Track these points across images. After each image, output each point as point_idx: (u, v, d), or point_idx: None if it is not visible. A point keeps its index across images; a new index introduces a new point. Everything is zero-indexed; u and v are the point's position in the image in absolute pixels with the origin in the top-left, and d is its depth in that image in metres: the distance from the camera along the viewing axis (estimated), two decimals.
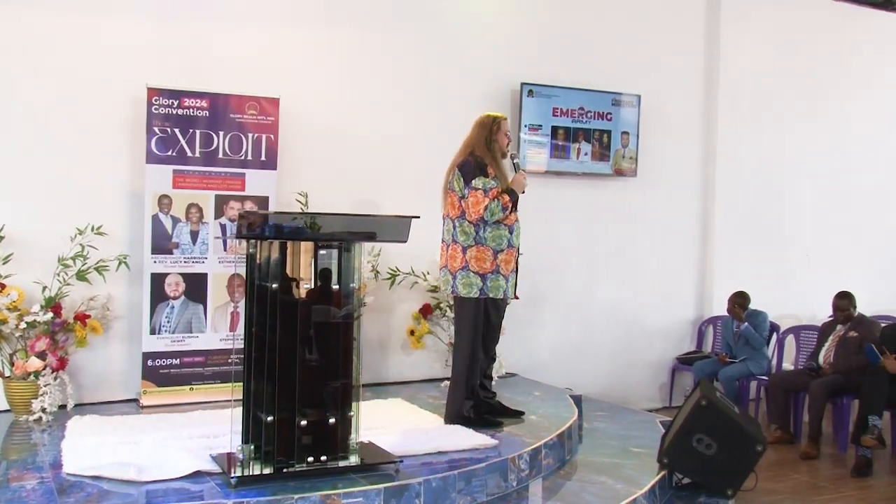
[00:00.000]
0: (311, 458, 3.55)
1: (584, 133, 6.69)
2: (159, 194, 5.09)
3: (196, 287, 5.20)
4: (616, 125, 6.79)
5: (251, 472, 3.46)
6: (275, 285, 3.54)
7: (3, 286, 4.71)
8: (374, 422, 4.24)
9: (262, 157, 5.33)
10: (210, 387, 5.19)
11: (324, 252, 3.67)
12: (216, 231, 5.20)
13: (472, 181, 4.46)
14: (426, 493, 3.55)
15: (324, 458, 3.57)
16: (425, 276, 5.94)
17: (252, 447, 3.56)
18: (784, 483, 5.00)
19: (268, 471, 3.48)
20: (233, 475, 3.40)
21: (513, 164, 4.64)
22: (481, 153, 4.55)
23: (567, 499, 3.91)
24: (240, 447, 3.58)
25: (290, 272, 3.61)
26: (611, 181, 6.90)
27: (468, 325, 4.55)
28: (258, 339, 3.56)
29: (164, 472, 3.49)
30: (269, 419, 3.50)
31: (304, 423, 3.55)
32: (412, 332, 5.93)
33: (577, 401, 5.17)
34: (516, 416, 4.72)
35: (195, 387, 5.18)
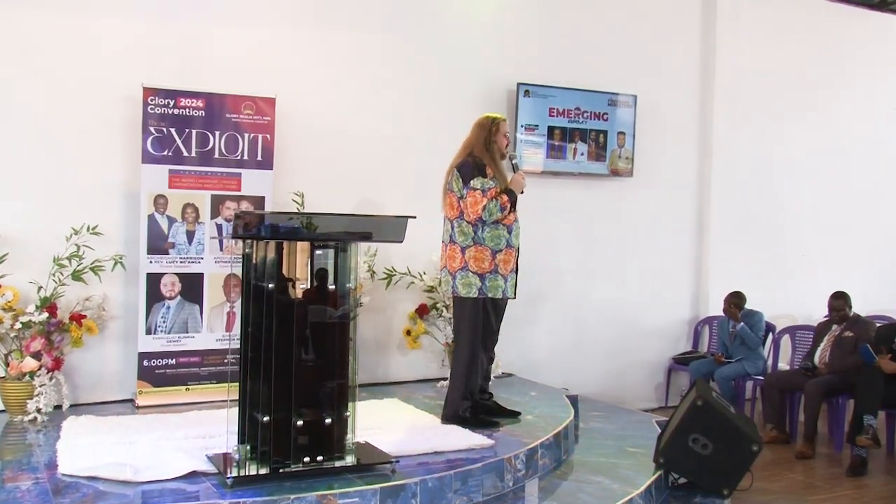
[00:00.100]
0: (307, 459, 3.55)
1: (581, 133, 6.69)
2: (155, 194, 5.09)
3: (192, 287, 5.19)
4: (612, 125, 6.80)
5: (247, 473, 3.46)
6: (271, 285, 3.54)
7: None
8: (370, 422, 4.23)
9: (259, 157, 5.33)
10: (206, 387, 5.19)
11: (320, 252, 3.68)
12: (212, 231, 5.19)
13: (471, 181, 4.47)
14: (422, 493, 3.55)
15: (320, 458, 3.57)
16: (421, 276, 5.93)
17: (248, 447, 3.55)
18: (779, 483, 5.01)
19: (264, 471, 3.47)
20: (229, 475, 3.40)
21: (512, 164, 4.65)
22: (480, 154, 4.57)
23: (563, 499, 3.91)
24: (236, 447, 3.57)
25: (286, 272, 3.61)
26: (607, 181, 6.90)
27: (468, 325, 4.56)
28: (254, 339, 3.55)
29: (159, 473, 3.48)
30: (266, 419, 3.50)
31: (301, 423, 3.55)
32: (408, 333, 5.93)
33: (574, 401, 5.18)
34: (513, 417, 4.72)
35: (191, 387, 5.17)
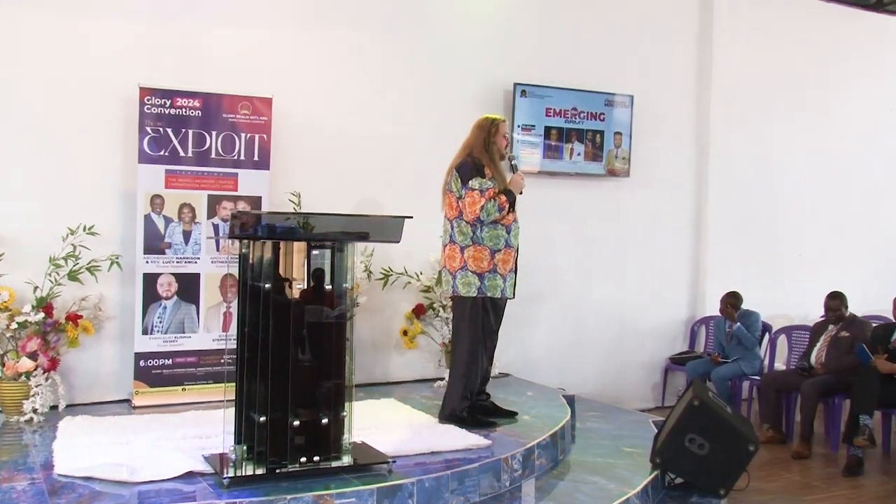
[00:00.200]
0: (303, 459, 3.54)
1: (577, 133, 6.70)
2: (151, 194, 5.08)
3: (188, 287, 5.18)
4: (609, 125, 6.80)
5: (244, 473, 3.45)
6: (267, 285, 3.53)
7: None
8: (366, 422, 4.23)
9: (255, 157, 5.32)
10: (203, 387, 5.18)
11: (317, 252, 3.67)
12: (209, 231, 5.19)
13: (469, 182, 4.48)
14: (419, 493, 3.55)
15: (316, 458, 3.57)
16: (418, 276, 5.93)
17: (245, 447, 3.55)
18: (776, 483, 5.01)
19: (260, 471, 3.47)
20: (225, 475, 3.39)
21: (511, 165, 4.66)
22: (479, 155, 4.58)
23: (560, 499, 3.91)
24: (232, 447, 3.57)
25: (282, 272, 3.60)
26: (604, 181, 6.91)
27: (468, 324, 4.56)
28: (251, 339, 3.55)
29: (156, 473, 3.48)
30: (262, 419, 3.49)
31: (297, 423, 3.54)
32: (405, 333, 5.92)
33: (570, 401, 5.18)
34: (509, 417, 4.72)
35: (188, 387, 5.17)
